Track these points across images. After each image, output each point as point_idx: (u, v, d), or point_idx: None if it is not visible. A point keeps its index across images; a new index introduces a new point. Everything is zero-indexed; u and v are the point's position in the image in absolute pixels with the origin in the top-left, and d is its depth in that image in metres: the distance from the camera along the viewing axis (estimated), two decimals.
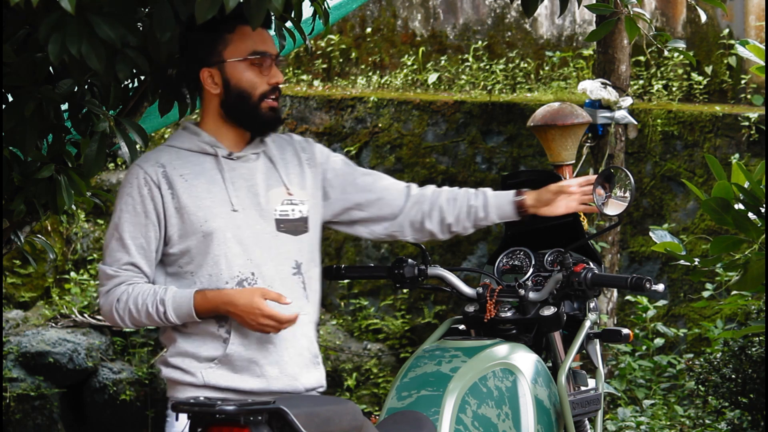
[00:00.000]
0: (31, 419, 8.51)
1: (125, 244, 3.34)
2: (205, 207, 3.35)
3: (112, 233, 3.36)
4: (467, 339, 3.70)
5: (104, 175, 9.80)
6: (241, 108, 3.39)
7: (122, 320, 3.35)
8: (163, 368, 3.41)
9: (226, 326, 3.36)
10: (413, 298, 8.91)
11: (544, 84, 9.27)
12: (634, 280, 3.60)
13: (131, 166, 3.40)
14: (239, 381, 3.36)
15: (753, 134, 7.93)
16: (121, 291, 3.33)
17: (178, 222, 3.35)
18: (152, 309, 3.31)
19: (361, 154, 9.27)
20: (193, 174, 3.37)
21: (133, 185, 3.35)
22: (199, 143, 3.41)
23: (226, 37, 3.36)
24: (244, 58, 3.36)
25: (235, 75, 3.37)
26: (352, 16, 10.13)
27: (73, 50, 3.06)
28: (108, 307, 3.35)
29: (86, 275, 9.52)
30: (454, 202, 3.62)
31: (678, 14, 8.99)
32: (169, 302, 3.31)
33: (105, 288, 3.36)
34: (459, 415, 3.41)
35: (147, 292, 3.32)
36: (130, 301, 3.32)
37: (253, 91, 3.38)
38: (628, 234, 8.23)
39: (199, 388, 3.36)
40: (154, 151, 3.41)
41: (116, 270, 3.35)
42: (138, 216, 3.34)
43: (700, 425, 6.53)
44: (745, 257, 4.72)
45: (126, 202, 3.35)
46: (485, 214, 3.62)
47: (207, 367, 3.36)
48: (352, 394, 8.60)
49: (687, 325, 7.82)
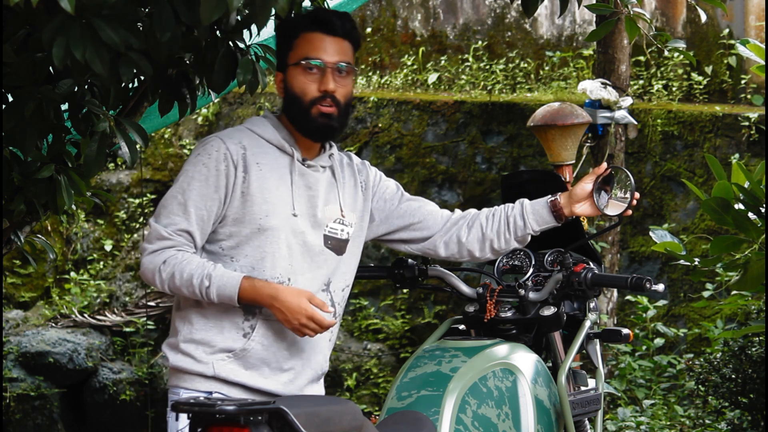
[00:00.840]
0: (31, 419, 8.51)
1: (188, 210, 3.33)
2: (270, 201, 3.37)
3: (176, 195, 3.34)
4: (467, 339, 3.70)
5: (104, 175, 9.81)
6: (295, 112, 3.44)
7: (162, 283, 3.31)
8: (171, 354, 3.38)
9: (252, 321, 3.37)
10: (413, 298, 8.91)
11: (544, 84, 9.27)
12: (634, 280, 3.61)
13: (211, 137, 3.39)
14: (248, 378, 3.36)
15: (753, 134, 7.93)
16: (169, 254, 3.31)
17: (239, 206, 3.35)
18: (196, 281, 3.28)
19: (361, 154, 9.27)
20: (269, 167, 3.39)
21: (212, 156, 3.34)
22: (280, 138, 3.44)
23: (293, 43, 3.42)
24: (296, 63, 3.41)
25: (292, 80, 3.42)
26: (352, 16, 10.13)
27: (77, 55, 3.07)
28: (151, 266, 3.32)
29: (86, 275, 9.52)
30: (493, 217, 3.64)
31: (678, 14, 9.00)
32: (215, 279, 3.28)
33: (153, 246, 3.33)
34: (459, 415, 3.41)
35: (195, 263, 3.30)
36: (176, 267, 3.29)
37: (304, 96, 3.42)
38: (628, 234, 8.23)
39: (208, 379, 3.35)
40: (236, 130, 3.43)
41: (170, 233, 3.32)
42: (208, 188, 3.34)
43: (700, 425, 6.53)
44: (745, 257, 4.72)
45: (200, 170, 3.34)
46: (523, 222, 3.61)
47: (220, 358, 3.35)
48: (352, 394, 8.60)
49: (687, 325, 7.82)
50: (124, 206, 9.86)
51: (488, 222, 3.62)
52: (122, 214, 9.84)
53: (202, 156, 3.36)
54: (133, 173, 9.92)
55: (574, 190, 3.60)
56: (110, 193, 8.14)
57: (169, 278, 3.30)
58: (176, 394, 3.39)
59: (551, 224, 3.60)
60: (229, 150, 3.35)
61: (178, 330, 3.39)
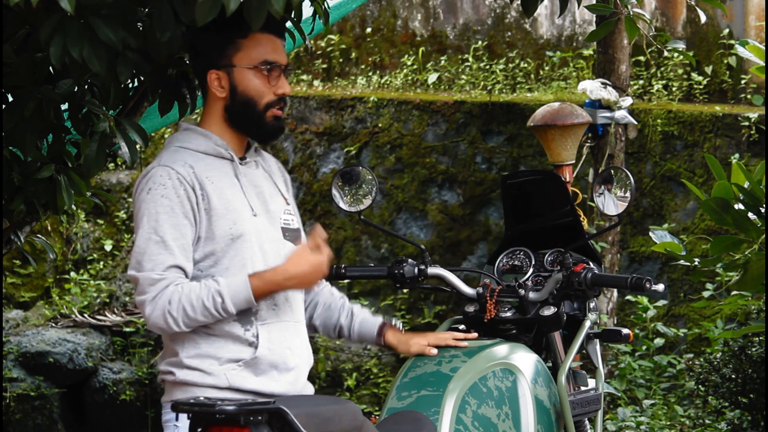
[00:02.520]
0: (31, 419, 8.51)
1: (168, 246, 3.23)
2: (232, 210, 3.31)
3: (149, 237, 3.24)
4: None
5: (104, 175, 9.81)
6: (246, 115, 3.36)
7: (176, 322, 3.21)
8: (177, 370, 3.30)
9: (251, 329, 3.31)
10: (413, 298, 8.91)
11: (544, 84, 9.27)
12: (634, 280, 3.61)
13: (157, 168, 3.28)
14: (259, 384, 3.32)
15: (753, 134, 7.93)
16: (170, 292, 3.21)
17: (207, 224, 3.29)
18: (209, 302, 3.21)
19: (361, 154, 9.27)
20: (217, 176, 3.33)
21: (167, 186, 3.25)
22: (214, 146, 3.36)
23: (239, 42, 3.32)
24: (255, 66, 3.33)
25: (243, 81, 3.33)
26: (352, 16, 10.14)
27: (74, 53, 3.07)
28: (159, 312, 3.21)
29: (86, 275, 9.52)
30: (328, 309, 3.66)
31: (678, 14, 8.99)
32: (225, 292, 3.22)
33: (151, 294, 3.22)
34: (459, 415, 3.41)
35: (198, 288, 3.22)
36: (183, 300, 3.21)
37: (260, 99, 3.35)
38: (628, 234, 8.23)
39: (222, 390, 3.29)
40: (172, 152, 3.32)
41: (161, 273, 3.22)
42: (177, 217, 3.25)
43: (700, 425, 6.53)
44: (745, 257, 4.72)
45: (162, 203, 3.24)
46: (348, 335, 3.67)
47: (230, 368, 3.29)
48: (352, 394, 8.60)
49: (687, 325, 7.82)
50: (124, 206, 9.86)
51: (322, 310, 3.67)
52: (122, 214, 9.84)
53: (156, 189, 3.26)
54: (133, 173, 9.92)
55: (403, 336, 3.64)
56: (110, 193, 8.14)
57: (182, 314, 3.21)
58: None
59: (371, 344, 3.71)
60: (180, 174, 3.27)
61: (178, 350, 3.31)
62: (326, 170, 9.37)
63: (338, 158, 9.38)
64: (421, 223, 9.00)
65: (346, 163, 9.27)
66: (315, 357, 8.33)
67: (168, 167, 3.28)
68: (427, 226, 8.98)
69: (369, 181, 3.79)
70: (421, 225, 9.00)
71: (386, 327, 3.63)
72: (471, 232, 8.84)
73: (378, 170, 9.09)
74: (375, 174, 4.56)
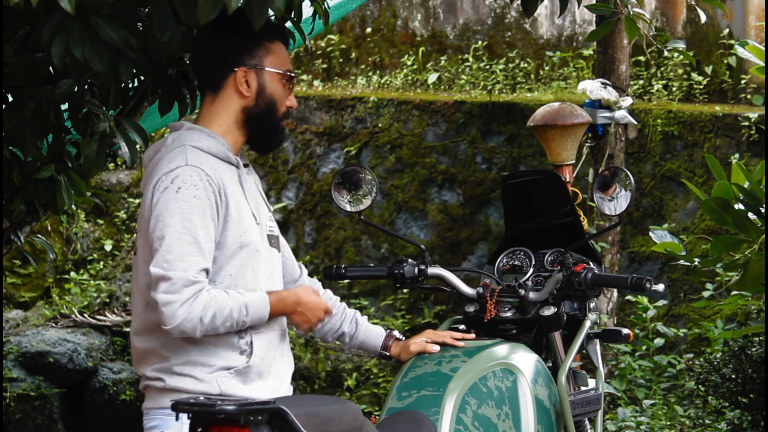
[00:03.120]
0: (31, 419, 8.51)
1: (201, 248, 3.18)
2: (243, 218, 3.30)
3: (181, 237, 3.16)
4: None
5: (104, 175, 9.81)
6: (266, 119, 3.35)
7: (204, 329, 3.18)
8: (167, 377, 3.27)
9: (246, 338, 3.30)
10: (413, 298, 8.92)
11: (544, 84, 9.27)
12: (634, 280, 3.61)
13: (185, 168, 3.22)
14: (248, 391, 3.31)
15: (753, 134, 7.93)
16: (206, 298, 3.16)
17: (221, 230, 3.26)
18: (236, 314, 3.20)
19: (361, 154, 9.27)
20: (229, 181, 3.30)
21: (199, 187, 3.20)
22: (223, 150, 3.32)
23: (268, 46, 3.34)
24: (283, 72, 3.35)
25: (272, 84, 3.34)
26: (352, 16, 10.14)
27: (76, 53, 3.07)
28: (193, 317, 3.15)
29: (86, 275, 9.52)
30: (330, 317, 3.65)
31: (678, 14, 9.00)
32: (251, 306, 3.22)
33: (184, 296, 3.15)
34: (459, 415, 3.41)
35: (227, 298, 3.20)
36: (217, 309, 3.17)
37: (280, 107, 3.37)
38: (628, 234, 8.23)
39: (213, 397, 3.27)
40: (193, 153, 3.26)
41: (196, 276, 3.16)
42: (207, 219, 3.20)
43: (700, 425, 6.53)
44: (745, 257, 4.72)
45: (194, 204, 3.18)
46: (349, 342, 3.67)
47: (222, 375, 3.27)
48: (352, 394, 8.60)
49: (687, 325, 7.82)
50: (124, 206, 9.86)
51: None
52: (122, 214, 9.84)
53: (188, 189, 3.19)
54: (133, 173, 9.92)
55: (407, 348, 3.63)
56: (110, 193, 8.14)
57: (210, 322, 3.18)
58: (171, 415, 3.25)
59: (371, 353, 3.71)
60: (209, 175, 3.23)
61: (168, 356, 3.27)
62: (326, 170, 9.37)
63: (338, 158, 9.38)
64: (421, 223, 9.00)
65: (346, 163, 9.27)
66: (315, 357, 8.36)
67: (197, 168, 3.23)
68: (427, 226, 8.98)
69: (369, 181, 3.79)
70: (421, 225, 9.00)
71: (391, 339, 3.64)
72: (471, 232, 8.84)
73: (378, 170, 9.09)
74: (375, 174, 4.57)
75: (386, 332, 3.64)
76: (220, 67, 3.34)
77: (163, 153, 3.30)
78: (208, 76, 3.36)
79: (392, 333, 3.64)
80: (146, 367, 3.31)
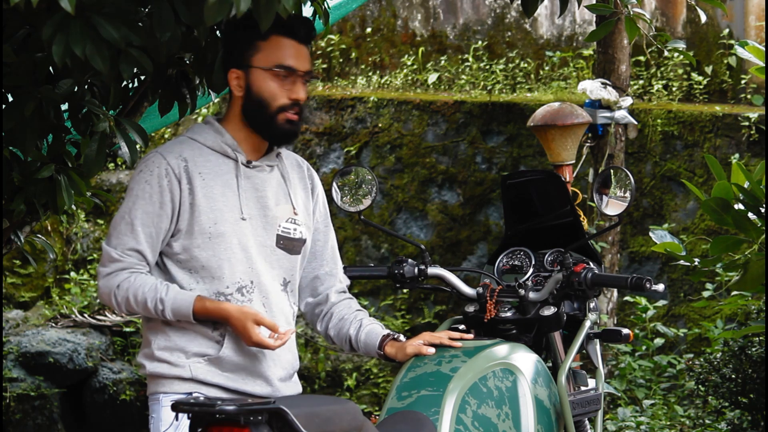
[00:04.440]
0: (31, 419, 8.51)
1: (135, 230, 3.35)
2: (216, 209, 3.38)
3: (123, 216, 3.36)
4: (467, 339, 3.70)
5: (104, 175, 9.81)
6: (258, 116, 3.42)
7: (118, 306, 3.36)
8: (148, 363, 3.41)
9: (220, 329, 3.40)
10: (413, 298, 8.92)
11: (544, 84, 9.27)
12: (634, 280, 3.61)
13: (152, 153, 3.39)
14: (225, 380, 3.40)
15: (753, 134, 7.93)
16: (122, 278, 3.35)
17: (189, 218, 3.37)
18: (150, 304, 3.33)
19: (361, 154, 9.27)
20: (212, 174, 3.40)
21: (153, 174, 3.36)
22: (222, 144, 3.43)
23: (257, 44, 3.39)
24: (269, 68, 3.39)
25: (257, 83, 3.40)
26: (352, 16, 10.14)
27: (77, 51, 3.07)
28: (107, 291, 3.37)
29: (86, 275, 9.52)
30: (341, 320, 3.67)
31: (678, 14, 8.99)
32: (168, 302, 3.33)
33: (107, 270, 3.37)
34: (459, 415, 3.41)
35: (148, 286, 3.34)
36: (130, 291, 3.33)
37: (272, 102, 3.41)
38: (628, 234, 8.23)
39: (186, 381, 3.37)
40: (176, 143, 3.43)
41: (120, 254, 3.35)
42: (153, 205, 3.35)
43: (700, 425, 6.53)
44: (745, 257, 4.72)
45: (143, 188, 3.36)
46: (356, 346, 3.67)
47: (196, 361, 3.38)
48: (352, 394, 8.60)
49: (687, 325, 7.82)
50: None
51: (334, 326, 3.67)
52: None
53: (144, 173, 3.37)
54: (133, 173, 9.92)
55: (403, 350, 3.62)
56: (110, 193, 8.13)
57: (125, 302, 3.35)
58: (156, 400, 3.41)
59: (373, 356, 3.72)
60: (170, 165, 3.36)
61: (151, 340, 3.42)
62: (326, 170, 9.37)
63: (338, 158, 9.38)
64: (421, 223, 9.00)
65: (346, 163, 9.27)
66: (315, 357, 8.36)
67: (161, 155, 3.38)
68: (427, 226, 8.98)
69: (369, 181, 3.80)
70: (421, 225, 9.00)
71: (387, 340, 3.63)
72: (471, 232, 8.84)
73: (378, 170, 9.09)
74: (375, 174, 4.57)
75: (383, 334, 3.64)
76: (221, 68, 3.51)
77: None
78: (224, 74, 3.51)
79: (389, 334, 3.64)
80: (140, 353, 3.47)
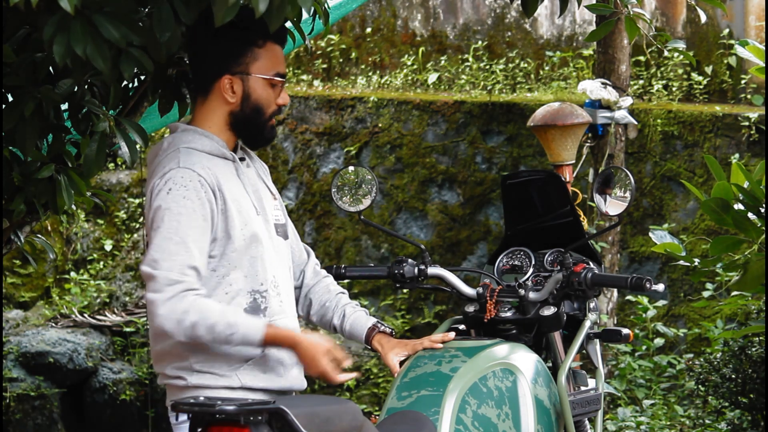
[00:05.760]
0: (31, 419, 8.51)
1: (188, 247, 3.22)
2: (243, 211, 3.35)
3: (169, 237, 3.22)
4: (467, 339, 3.70)
5: (104, 175, 9.81)
6: (252, 122, 3.40)
7: (184, 331, 3.20)
8: (188, 375, 3.30)
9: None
10: (413, 298, 8.91)
11: (544, 84, 9.27)
12: (634, 280, 3.61)
13: (177, 170, 3.29)
14: (267, 381, 3.36)
15: (753, 134, 7.93)
16: (189, 301, 3.19)
17: (222, 225, 3.31)
18: (219, 328, 3.21)
19: (361, 154, 9.27)
20: (225, 177, 3.36)
21: (189, 188, 3.27)
22: (218, 147, 3.39)
23: (256, 51, 3.37)
24: (270, 77, 3.38)
25: (257, 90, 3.39)
26: (352, 16, 10.14)
27: (78, 51, 3.06)
28: (173, 317, 3.19)
29: (86, 275, 9.52)
30: (322, 307, 3.65)
31: (678, 14, 8.99)
32: (241, 328, 3.23)
33: (166, 294, 3.19)
34: (459, 415, 3.41)
35: (216, 310, 3.22)
36: (200, 317, 3.19)
37: (267, 109, 3.41)
38: (628, 234, 8.23)
39: (234, 390, 3.31)
40: (185, 154, 3.33)
41: (180, 275, 3.20)
42: (197, 219, 3.25)
43: (700, 425, 6.53)
44: (745, 257, 4.72)
45: (184, 205, 3.25)
46: (342, 334, 3.66)
47: (240, 367, 3.32)
48: (352, 394, 8.60)
49: (687, 325, 7.82)
50: (124, 206, 9.86)
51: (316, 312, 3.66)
52: (122, 214, 9.84)
53: (179, 190, 3.27)
54: (133, 173, 9.92)
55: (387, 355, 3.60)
56: (110, 193, 8.14)
57: (192, 327, 3.20)
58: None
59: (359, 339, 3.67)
60: (202, 176, 3.30)
61: (188, 354, 3.31)
62: (326, 170, 9.37)
63: (338, 158, 9.38)
64: (421, 223, 9.00)
65: (346, 163, 9.27)
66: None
67: (188, 169, 3.30)
68: (427, 226, 8.98)
69: (369, 181, 3.80)
70: (421, 225, 9.00)
71: (374, 332, 3.62)
72: (471, 232, 8.84)
73: (378, 170, 9.09)
74: (375, 174, 4.57)
75: (368, 326, 3.62)
76: (208, 72, 3.40)
77: (161, 157, 3.38)
78: (198, 80, 3.44)
79: (376, 325, 3.62)
80: (165, 366, 3.35)
